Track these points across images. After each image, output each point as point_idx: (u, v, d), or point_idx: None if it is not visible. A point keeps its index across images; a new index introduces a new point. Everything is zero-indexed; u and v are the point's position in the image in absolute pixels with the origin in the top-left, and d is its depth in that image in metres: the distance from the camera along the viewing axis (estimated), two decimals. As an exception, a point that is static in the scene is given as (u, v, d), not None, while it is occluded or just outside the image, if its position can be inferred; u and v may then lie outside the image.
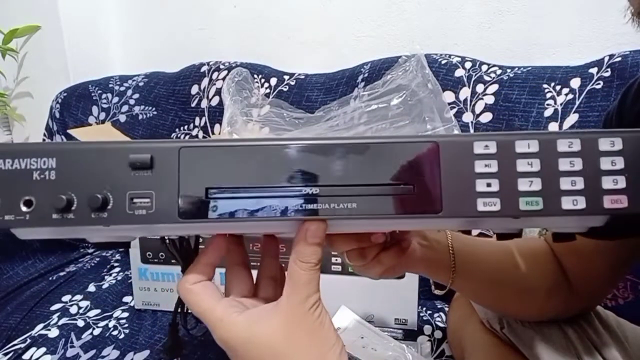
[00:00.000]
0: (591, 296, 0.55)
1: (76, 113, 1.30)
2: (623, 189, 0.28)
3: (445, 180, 0.28)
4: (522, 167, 0.28)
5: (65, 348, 0.80)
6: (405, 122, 0.96)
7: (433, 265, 0.50)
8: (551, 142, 0.28)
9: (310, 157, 0.29)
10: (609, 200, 0.28)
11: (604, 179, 0.28)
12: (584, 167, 0.28)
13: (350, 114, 1.01)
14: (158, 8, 1.43)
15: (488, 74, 0.97)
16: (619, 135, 0.28)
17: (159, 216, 0.28)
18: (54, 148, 0.29)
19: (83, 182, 0.28)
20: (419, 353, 0.75)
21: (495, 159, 0.28)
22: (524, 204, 0.28)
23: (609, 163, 0.28)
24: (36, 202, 0.28)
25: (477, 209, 0.28)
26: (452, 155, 0.29)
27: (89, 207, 0.28)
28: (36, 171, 0.28)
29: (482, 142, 0.29)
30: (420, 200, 0.29)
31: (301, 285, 0.31)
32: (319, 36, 1.27)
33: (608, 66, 0.86)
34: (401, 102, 0.98)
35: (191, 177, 0.28)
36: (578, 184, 0.28)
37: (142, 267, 0.87)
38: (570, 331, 0.53)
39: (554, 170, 0.28)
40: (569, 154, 0.28)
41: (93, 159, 0.28)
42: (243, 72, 1.17)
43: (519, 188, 0.28)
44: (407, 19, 1.17)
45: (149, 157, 0.28)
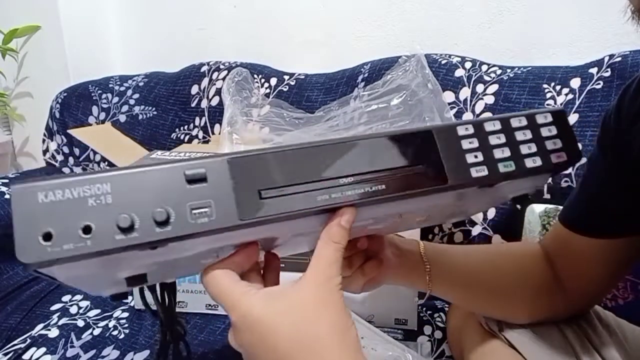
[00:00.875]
0: (588, 297, 0.55)
1: (76, 113, 1.30)
2: (561, 148, 0.38)
3: (444, 158, 0.35)
4: (494, 141, 0.37)
5: (65, 348, 0.80)
6: (405, 122, 0.96)
7: (409, 275, 0.52)
8: (507, 120, 0.38)
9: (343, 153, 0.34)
10: (555, 157, 0.38)
11: (547, 143, 0.38)
12: (533, 136, 0.38)
13: (350, 114, 1.01)
14: (158, 8, 1.43)
15: (488, 74, 0.97)
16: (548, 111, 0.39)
17: (221, 221, 0.30)
18: (106, 175, 0.30)
19: (142, 201, 0.29)
20: (419, 353, 0.75)
21: (475, 137, 0.37)
22: (502, 167, 0.36)
23: (547, 131, 0.38)
24: (96, 227, 0.28)
25: (472, 176, 0.36)
26: (444, 139, 0.36)
27: (154, 223, 0.29)
28: (91, 197, 0.29)
29: (463, 126, 0.37)
30: (430, 176, 0.35)
31: (328, 265, 0.33)
32: (319, 36, 1.27)
33: (608, 66, 0.86)
34: (401, 102, 0.98)
35: (243, 182, 0.31)
36: (532, 148, 0.38)
37: (142, 267, 0.87)
38: (569, 331, 0.53)
39: (515, 140, 0.38)
40: (520, 128, 0.38)
41: (149, 179, 0.30)
42: (243, 72, 1.17)
43: (495, 156, 0.37)
44: (407, 19, 1.17)
45: (204, 171, 0.30)
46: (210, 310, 0.86)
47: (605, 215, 0.48)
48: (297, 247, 0.45)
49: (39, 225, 0.27)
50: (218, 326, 0.83)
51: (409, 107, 0.97)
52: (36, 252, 0.27)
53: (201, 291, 0.85)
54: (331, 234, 0.34)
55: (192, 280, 0.85)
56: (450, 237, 0.94)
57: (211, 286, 0.34)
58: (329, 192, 0.33)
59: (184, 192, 0.30)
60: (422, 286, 0.52)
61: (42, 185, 0.28)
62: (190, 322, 0.84)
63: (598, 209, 0.49)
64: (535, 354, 0.52)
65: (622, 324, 0.56)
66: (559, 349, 0.52)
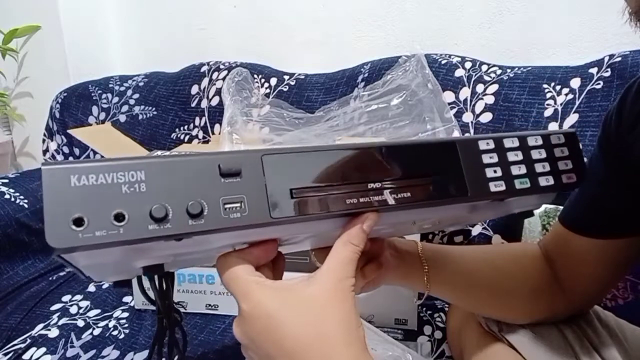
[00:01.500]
0: (588, 297, 0.55)
1: (76, 113, 1.30)
2: (571, 169, 0.40)
3: (466, 171, 0.37)
4: (512, 157, 0.38)
5: (65, 348, 0.80)
6: (405, 122, 0.96)
7: (407, 275, 0.51)
8: (525, 138, 0.39)
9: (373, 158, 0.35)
10: (565, 177, 0.40)
11: (559, 163, 0.40)
12: (547, 155, 0.39)
13: (350, 114, 1.01)
14: (158, 8, 1.43)
15: (488, 74, 0.97)
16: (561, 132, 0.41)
17: (253, 217, 0.30)
18: (141, 162, 0.29)
19: (176, 192, 0.29)
20: (419, 353, 0.75)
21: (495, 152, 0.38)
22: (519, 183, 0.38)
23: (560, 152, 0.40)
24: (129, 215, 0.28)
25: (490, 190, 0.37)
26: (466, 151, 0.37)
27: (187, 215, 0.29)
28: (125, 184, 0.28)
29: (484, 141, 0.38)
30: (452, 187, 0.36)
31: (344, 266, 0.34)
32: (319, 36, 1.27)
33: (608, 66, 0.86)
34: (401, 102, 0.98)
35: (276, 180, 0.31)
36: (546, 167, 0.39)
37: (142, 267, 0.87)
38: (569, 332, 0.53)
39: (531, 158, 0.39)
40: (536, 147, 0.39)
41: (184, 170, 0.30)
42: (243, 72, 1.17)
43: (512, 172, 0.38)
44: (407, 19, 1.17)
45: (239, 166, 0.31)
46: (211, 310, 0.86)
47: (606, 216, 0.48)
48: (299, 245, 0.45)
49: (70, 209, 0.27)
50: (218, 326, 0.83)
51: (409, 107, 0.97)
52: (67, 238, 0.26)
53: (201, 291, 0.86)
54: (352, 235, 0.34)
55: (192, 280, 0.85)
56: (450, 238, 0.94)
57: (226, 272, 0.34)
58: (358, 196, 0.34)
59: (217, 186, 0.30)
60: (421, 287, 0.52)
61: (75, 168, 0.27)
62: (191, 322, 0.84)
63: (598, 209, 0.49)
64: (535, 354, 0.52)
65: (622, 324, 0.56)
66: (559, 349, 0.52)
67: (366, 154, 0.35)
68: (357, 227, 0.34)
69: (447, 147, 0.37)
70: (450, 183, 0.36)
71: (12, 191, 1.08)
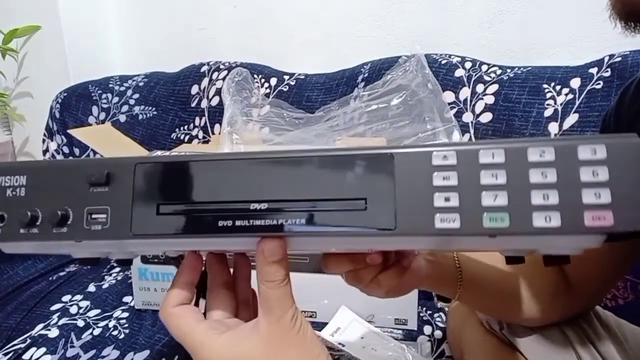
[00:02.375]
0: (591, 297, 0.55)
1: (76, 113, 1.30)
2: (607, 204, 0.24)
3: (400, 195, 0.26)
4: (486, 179, 0.26)
5: (65, 348, 0.80)
6: (405, 122, 0.96)
7: (440, 281, 0.49)
8: (520, 152, 0.25)
9: (259, 172, 0.28)
10: (590, 217, 0.24)
11: (584, 192, 0.24)
12: (559, 179, 0.25)
13: (350, 114, 1.01)
14: (158, 8, 1.43)
15: (488, 74, 0.97)
16: (602, 142, 0.24)
17: (114, 232, 0.29)
18: (25, 166, 0.30)
19: (47, 198, 0.30)
20: (419, 353, 0.74)
21: (455, 171, 0.26)
22: (488, 221, 0.25)
23: (590, 174, 0.24)
24: (7, 218, 0.30)
25: (435, 225, 0.26)
26: (408, 168, 0.27)
27: (50, 223, 0.29)
28: (9, 188, 0.30)
29: (441, 153, 0.26)
30: (372, 216, 0.27)
31: (274, 305, 0.30)
32: (320, 36, 1.27)
33: (608, 66, 0.86)
34: (401, 102, 0.98)
35: (145, 193, 0.29)
36: (552, 198, 0.25)
37: (142, 267, 0.87)
38: (570, 331, 0.53)
39: (523, 182, 0.25)
40: (541, 164, 0.25)
41: (56, 176, 0.30)
42: (243, 72, 1.17)
43: (482, 203, 0.25)
44: (407, 19, 1.17)
45: (104, 174, 0.29)
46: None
47: None
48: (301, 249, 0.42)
49: None
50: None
51: (409, 107, 0.97)
52: None
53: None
54: (261, 272, 0.30)
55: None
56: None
57: (171, 329, 0.33)
58: (234, 218, 0.28)
59: (84, 194, 0.29)
60: (449, 292, 0.50)
61: None
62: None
63: None
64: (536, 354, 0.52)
65: (622, 324, 0.56)
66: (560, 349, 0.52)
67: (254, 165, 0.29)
68: (261, 263, 0.30)
69: (377, 161, 0.27)
70: (369, 210, 0.27)
71: (12, 191, 1.08)
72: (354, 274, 0.42)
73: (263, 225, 0.28)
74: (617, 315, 0.57)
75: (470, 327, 0.62)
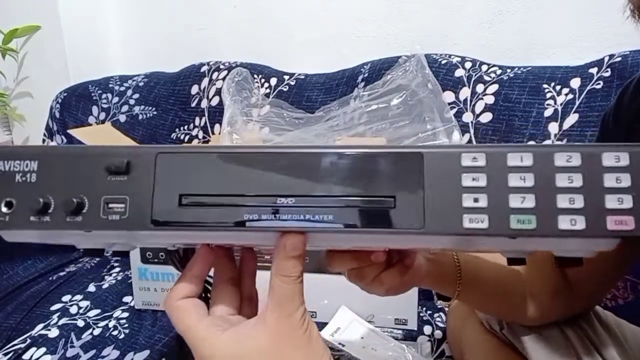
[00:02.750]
0: (591, 296, 0.55)
1: (76, 113, 1.30)
2: (629, 209, 0.25)
3: (429, 194, 0.27)
4: (514, 181, 0.26)
5: (65, 348, 0.80)
6: (405, 122, 0.96)
7: (440, 279, 0.49)
8: (548, 156, 0.26)
9: (287, 166, 0.28)
10: (612, 221, 0.25)
11: (608, 198, 0.25)
12: (584, 184, 0.26)
13: (350, 114, 1.01)
14: (158, 8, 1.43)
15: (488, 74, 0.97)
16: (626, 150, 0.26)
17: (132, 222, 0.28)
18: (36, 151, 0.29)
19: (61, 185, 0.28)
20: (419, 353, 0.75)
21: (484, 172, 0.26)
22: (515, 222, 0.26)
23: (614, 180, 0.26)
24: (16, 204, 0.28)
25: (463, 225, 0.26)
26: (437, 167, 0.27)
27: (64, 211, 0.28)
28: (19, 173, 0.28)
29: (471, 154, 0.27)
30: (401, 214, 0.27)
31: (285, 300, 0.30)
32: (319, 36, 1.27)
33: (608, 66, 0.86)
34: (401, 102, 0.98)
35: (166, 183, 0.28)
36: (577, 202, 0.26)
37: (142, 267, 0.87)
38: (570, 331, 0.53)
39: (550, 186, 0.26)
40: (568, 168, 0.26)
41: (71, 162, 0.29)
42: (243, 72, 1.17)
43: (510, 204, 0.26)
44: (407, 19, 1.17)
45: (124, 162, 0.28)
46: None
47: None
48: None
49: None
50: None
51: (409, 107, 0.97)
52: None
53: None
54: (279, 266, 0.30)
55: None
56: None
57: (175, 321, 0.32)
58: (260, 212, 0.28)
59: (102, 183, 0.28)
60: (449, 291, 0.50)
61: None
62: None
63: None
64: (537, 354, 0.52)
65: (622, 324, 0.56)
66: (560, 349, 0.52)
67: (282, 160, 0.28)
68: (280, 257, 0.30)
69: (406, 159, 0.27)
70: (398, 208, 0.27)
71: (12, 191, 1.08)
72: (357, 272, 0.43)
73: (290, 220, 0.28)
74: (617, 315, 0.57)
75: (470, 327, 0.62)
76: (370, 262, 0.41)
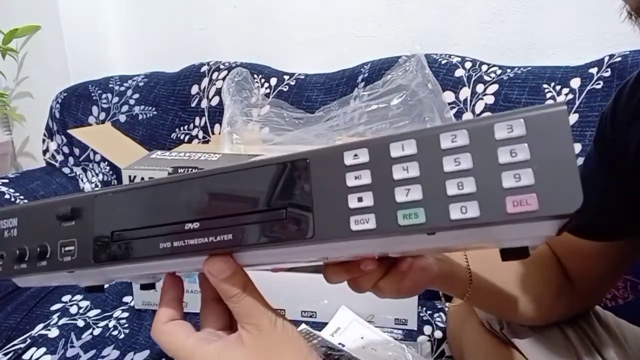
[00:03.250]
0: (592, 296, 0.55)
1: (76, 113, 1.30)
2: (529, 186, 0.22)
3: (317, 200, 0.25)
4: (398, 174, 0.24)
5: (65, 348, 0.80)
6: (405, 122, 0.96)
7: (450, 280, 0.48)
8: (432, 139, 0.23)
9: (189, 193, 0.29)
10: (511, 203, 0.22)
11: (504, 176, 0.22)
12: (474, 165, 0.22)
13: (350, 114, 1.01)
14: (158, 8, 1.43)
15: (488, 74, 0.97)
16: (520, 116, 0.22)
17: (80, 261, 0.31)
18: (15, 209, 0.34)
19: (31, 236, 0.33)
20: (419, 353, 0.75)
21: (367, 169, 0.24)
22: (402, 218, 0.23)
23: (508, 154, 0.22)
24: (5, 256, 0.34)
25: (351, 228, 0.24)
26: (322, 171, 0.26)
27: (35, 257, 0.32)
28: (6, 230, 0.34)
29: (352, 151, 0.25)
30: (291, 225, 0.26)
31: (244, 316, 0.31)
32: (319, 36, 1.27)
33: (608, 66, 0.86)
34: (401, 102, 0.98)
35: (103, 222, 0.31)
36: (467, 186, 0.22)
37: (142, 267, 0.87)
38: (570, 331, 0.53)
39: (436, 173, 0.23)
40: (454, 149, 0.23)
41: (36, 215, 0.33)
42: (243, 72, 1.17)
43: (396, 199, 0.24)
44: (407, 19, 1.17)
45: (69, 209, 0.32)
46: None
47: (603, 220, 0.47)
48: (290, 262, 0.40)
49: None
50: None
51: (409, 107, 0.97)
52: None
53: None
54: (220, 292, 0.31)
55: (192, 280, 0.85)
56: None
57: (163, 345, 0.33)
58: (171, 240, 0.29)
59: (57, 229, 0.32)
60: (459, 293, 0.49)
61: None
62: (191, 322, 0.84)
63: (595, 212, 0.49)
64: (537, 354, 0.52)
65: (622, 324, 0.56)
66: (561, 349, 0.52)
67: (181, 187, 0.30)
68: (212, 281, 0.31)
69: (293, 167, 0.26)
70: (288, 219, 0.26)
71: (12, 191, 1.08)
72: (353, 282, 0.42)
73: (197, 244, 0.29)
74: (617, 315, 0.57)
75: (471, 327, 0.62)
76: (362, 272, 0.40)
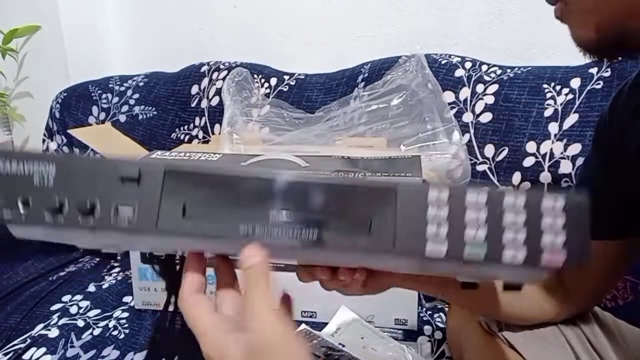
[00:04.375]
0: (590, 297, 0.55)
1: (76, 113, 1.30)
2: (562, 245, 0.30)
3: (401, 221, 0.30)
4: (471, 215, 0.30)
5: (65, 348, 0.80)
6: (405, 122, 0.96)
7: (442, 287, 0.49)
8: (499, 195, 0.30)
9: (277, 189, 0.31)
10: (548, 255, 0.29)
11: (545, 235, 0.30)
12: (527, 221, 0.29)
13: (350, 114, 1.01)
14: (158, 8, 1.43)
15: (488, 74, 0.97)
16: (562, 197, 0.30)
17: (139, 227, 0.31)
18: (55, 156, 0.32)
19: (76, 189, 0.31)
20: (419, 353, 0.75)
21: (447, 206, 0.30)
22: (469, 249, 0.29)
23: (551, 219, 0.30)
24: (33, 203, 0.31)
25: (426, 249, 0.30)
26: (408, 199, 0.31)
27: (78, 212, 0.31)
28: (37, 175, 0.31)
29: (435, 190, 0.30)
30: (376, 236, 0.30)
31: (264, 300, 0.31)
32: (319, 36, 1.27)
33: (608, 66, 0.86)
34: (401, 102, 0.98)
35: (171, 195, 0.31)
36: (518, 235, 0.29)
37: (142, 267, 0.87)
38: (569, 332, 0.53)
39: (498, 221, 0.30)
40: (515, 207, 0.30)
41: (88, 169, 0.32)
42: (243, 72, 1.17)
43: (465, 235, 0.30)
44: (407, 19, 1.17)
45: (137, 171, 0.31)
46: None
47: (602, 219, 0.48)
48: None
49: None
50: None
51: (409, 107, 0.97)
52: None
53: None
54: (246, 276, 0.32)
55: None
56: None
57: (185, 313, 0.34)
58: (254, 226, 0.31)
59: (114, 188, 0.31)
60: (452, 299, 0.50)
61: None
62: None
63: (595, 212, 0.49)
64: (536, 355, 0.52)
65: (621, 325, 0.56)
66: (559, 349, 0.52)
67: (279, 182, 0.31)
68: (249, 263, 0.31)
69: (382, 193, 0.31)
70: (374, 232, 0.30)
71: (12, 191, 1.08)
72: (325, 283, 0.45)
73: (282, 234, 0.31)
74: (616, 315, 0.57)
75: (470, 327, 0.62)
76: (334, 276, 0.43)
